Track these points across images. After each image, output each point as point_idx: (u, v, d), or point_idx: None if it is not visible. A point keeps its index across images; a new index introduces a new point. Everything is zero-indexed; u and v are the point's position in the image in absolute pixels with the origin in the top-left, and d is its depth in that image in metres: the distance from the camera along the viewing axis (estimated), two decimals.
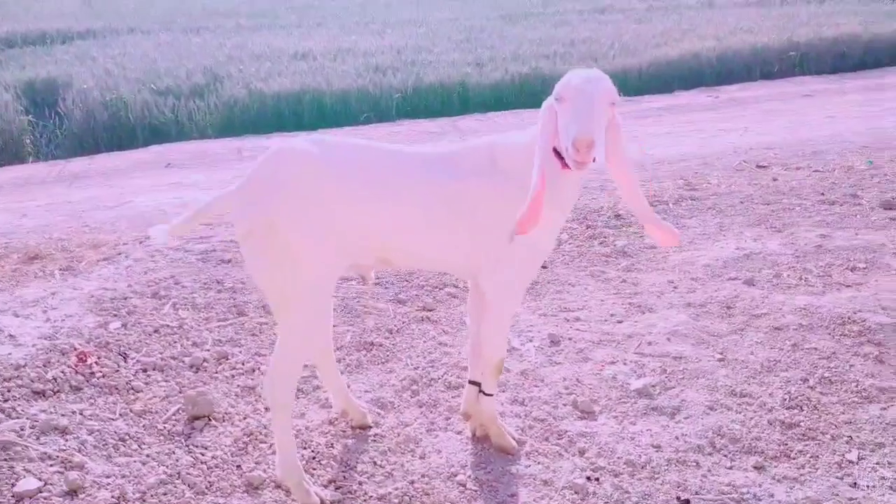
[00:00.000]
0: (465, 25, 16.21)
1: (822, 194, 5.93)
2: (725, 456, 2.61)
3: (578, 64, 11.64)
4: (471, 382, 2.65)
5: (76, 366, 3.09)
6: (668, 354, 3.25)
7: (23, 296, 3.88)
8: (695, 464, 2.56)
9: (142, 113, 9.80)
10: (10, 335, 3.30)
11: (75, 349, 3.22)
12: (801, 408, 2.86)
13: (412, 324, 3.64)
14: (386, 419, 2.83)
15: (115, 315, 3.63)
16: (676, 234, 2.28)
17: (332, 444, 2.68)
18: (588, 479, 2.47)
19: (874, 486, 2.43)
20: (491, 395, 2.58)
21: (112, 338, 3.36)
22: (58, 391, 2.92)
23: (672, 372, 3.12)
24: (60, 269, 4.39)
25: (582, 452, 2.62)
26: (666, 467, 2.54)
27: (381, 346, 3.40)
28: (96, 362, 3.13)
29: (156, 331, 3.50)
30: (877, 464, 2.55)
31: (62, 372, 3.02)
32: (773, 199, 5.88)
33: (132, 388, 2.99)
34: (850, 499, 2.37)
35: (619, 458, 2.58)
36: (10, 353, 3.11)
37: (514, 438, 2.66)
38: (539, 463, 2.57)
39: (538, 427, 2.77)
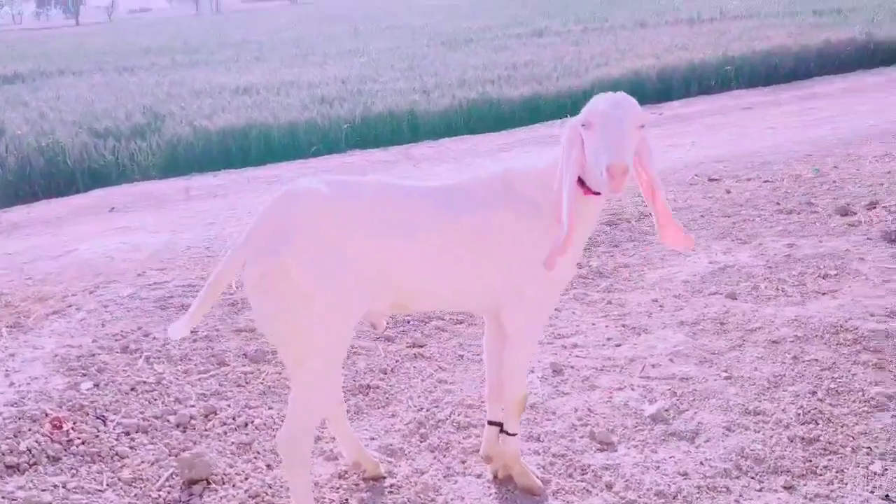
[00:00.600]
0: (407, 54, 16.26)
1: (778, 204, 6.04)
2: (753, 478, 2.55)
3: (524, 87, 11.76)
4: (490, 423, 2.54)
5: (51, 433, 2.84)
6: (675, 376, 3.20)
7: None
8: (725, 489, 2.49)
9: (80, 157, 9.39)
10: None
11: (47, 415, 2.96)
12: (815, 422, 2.84)
13: (405, 362, 3.50)
14: (399, 468, 2.68)
15: (85, 374, 3.38)
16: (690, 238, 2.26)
17: (346, 499, 2.51)
18: None
19: None
20: (515, 434, 2.47)
21: (86, 400, 3.12)
22: (34, 463, 2.67)
23: (682, 394, 3.07)
24: (8, 327, 4.10)
25: (609, 487, 2.53)
26: (697, 495, 2.46)
27: (377, 388, 3.25)
28: (73, 428, 2.89)
29: (132, 389, 3.26)
30: None
31: (36, 441, 2.77)
32: (731, 211, 5.97)
33: (117, 455, 2.76)
34: None
35: (648, 489, 2.50)
36: None
37: (538, 477, 2.55)
38: (568, 501, 2.46)
39: (559, 463, 2.66)
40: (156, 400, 3.18)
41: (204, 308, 2.14)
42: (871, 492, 2.45)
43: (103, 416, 3.00)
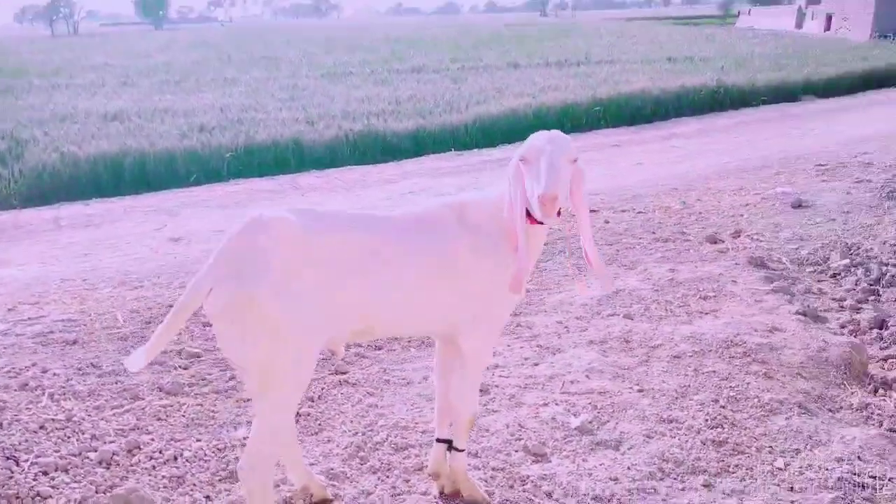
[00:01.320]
0: (286, 84, 16.14)
1: (654, 233, 6.51)
2: (676, 479, 2.77)
3: (408, 121, 12.01)
4: (439, 440, 2.61)
5: None
6: (593, 391, 3.41)
7: None
8: (653, 490, 2.70)
9: None
10: None
11: None
12: (721, 426, 3.12)
13: (331, 389, 3.50)
14: (345, 490, 2.69)
15: None
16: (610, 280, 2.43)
17: None
18: None
19: (807, 488, 2.71)
20: (463, 450, 2.55)
21: None
22: None
23: (602, 407, 3.27)
24: None
25: (549, 495, 2.66)
26: (629, 497, 2.65)
27: (308, 415, 3.23)
28: None
29: (41, 427, 3.05)
30: (800, 468, 2.84)
31: None
32: (613, 239, 6.37)
33: (38, 495, 2.58)
34: (793, 501, 2.63)
35: (585, 495, 2.66)
36: None
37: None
38: None
39: (500, 476, 2.77)
40: (69, 437, 3.00)
41: (166, 337, 2.08)
42: (778, 485, 2.74)
43: (14, 457, 2.79)
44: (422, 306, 2.31)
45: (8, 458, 2.78)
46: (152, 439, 3.01)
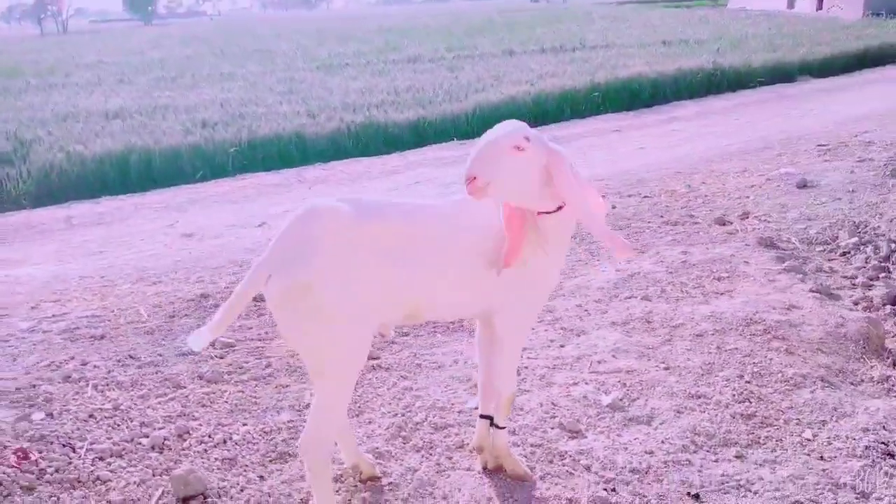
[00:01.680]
0: (283, 77, 16.14)
1: (662, 216, 6.60)
2: (709, 451, 2.89)
3: (409, 111, 12.05)
4: (482, 417, 2.72)
5: (18, 464, 2.71)
6: (620, 369, 3.52)
7: None
8: (687, 462, 2.81)
9: None
10: None
11: (5, 447, 2.82)
12: (749, 401, 3.23)
13: (366, 373, 3.60)
14: (391, 468, 2.79)
15: (33, 405, 3.23)
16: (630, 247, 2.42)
17: (348, 500, 2.60)
18: (606, 490, 2.63)
19: (836, 457, 2.83)
20: (504, 427, 2.66)
21: (44, 429, 2.99)
22: (8, 495, 2.55)
23: (631, 385, 3.38)
24: None
25: (588, 468, 2.77)
26: (665, 469, 2.76)
27: None
28: (41, 458, 2.77)
29: (91, 416, 3.16)
30: (828, 438, 2.96)
31: (4, 473, 2.64)
32: (622, 224, 6.46)
33: (98, 479, 2.68)
34: (823, 469, 2.75)
35: (622, 468, 2.77)
36: None
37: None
38: (556, 484, 2.68)
39: (539, 452, 2.88)
40: (119, 425, 3.10)
41: (228, 320, 2.18)
42: (808, 454, 2.86)
43: (70, 444, 2.89)
44: (465, 291, 2.41)
45: (64, 446, 2.88)
46: (200, 425, 3.11)
